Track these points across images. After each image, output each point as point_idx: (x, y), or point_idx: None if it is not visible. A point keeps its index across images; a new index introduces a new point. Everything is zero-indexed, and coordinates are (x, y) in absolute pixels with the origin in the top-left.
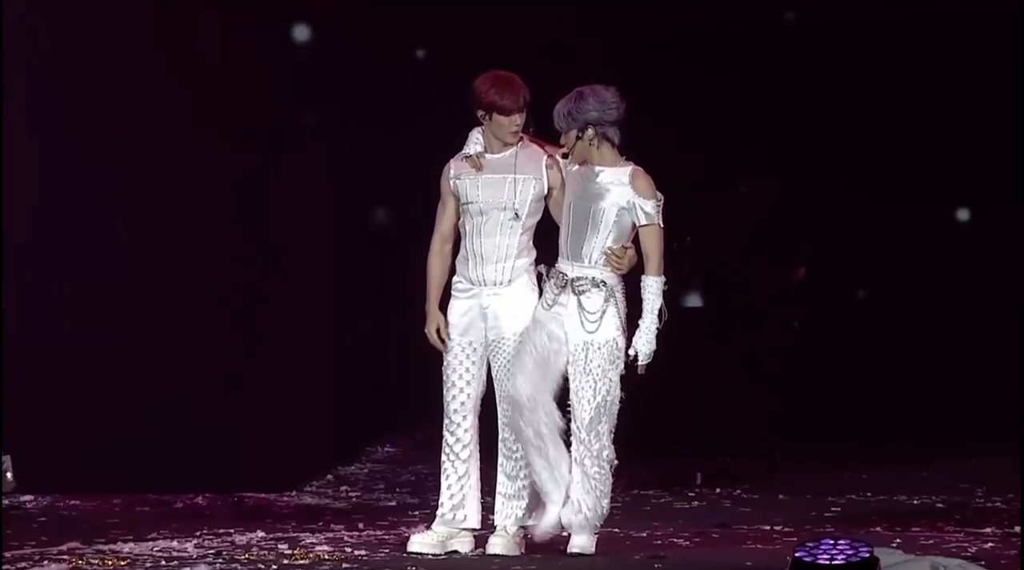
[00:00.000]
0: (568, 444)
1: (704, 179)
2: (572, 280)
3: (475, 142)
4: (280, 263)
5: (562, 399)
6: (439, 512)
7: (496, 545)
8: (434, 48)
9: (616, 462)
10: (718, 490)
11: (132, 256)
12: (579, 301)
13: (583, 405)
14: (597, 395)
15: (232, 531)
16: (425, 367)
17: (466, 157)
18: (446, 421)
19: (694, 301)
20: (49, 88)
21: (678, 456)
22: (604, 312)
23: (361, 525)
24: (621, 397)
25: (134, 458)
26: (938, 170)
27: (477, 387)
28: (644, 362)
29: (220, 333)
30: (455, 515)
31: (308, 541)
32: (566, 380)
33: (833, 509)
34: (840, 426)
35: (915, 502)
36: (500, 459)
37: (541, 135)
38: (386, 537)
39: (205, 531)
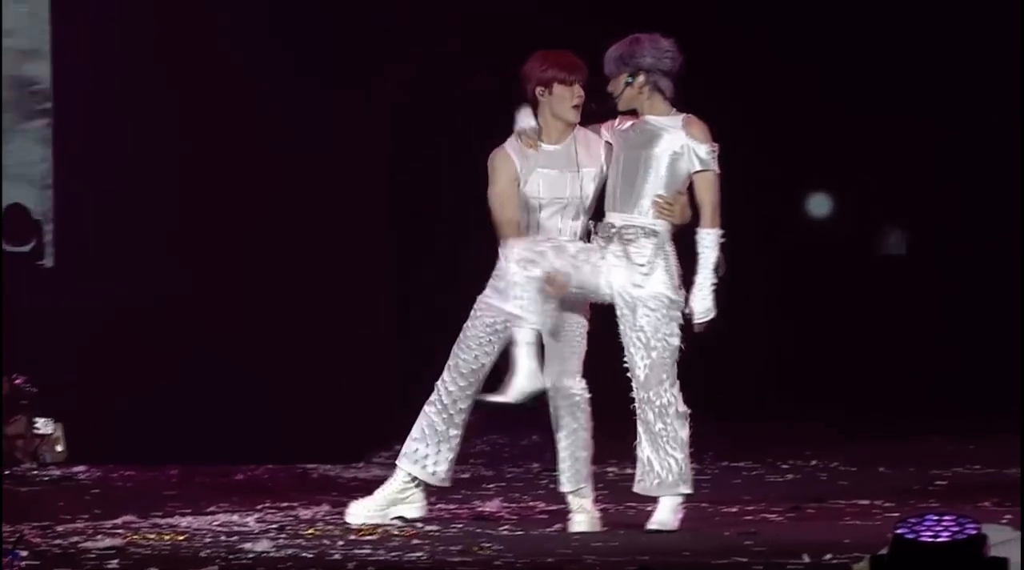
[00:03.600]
0: None
1: None
2: (620, 229)
3: (526, 117)
4: (341, 228)
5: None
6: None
7: (580, 522)
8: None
9: (688, 412)
10: (814, 462)
11: (198, 220)
12: (626, 251)
13: (636, 363)
14: (651, 352)
15: (296, 505)
16: None
17: (521, 134)
18: (454, 375)
19: None
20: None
21: (774, 425)
22: (654, 264)
23: (432, 498)
24: (680, 347)
25: (192, 428)
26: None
27: (494, 359)
28: (700, 320)
29: (283, 301)
30: (426, 467)
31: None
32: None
33: (938, 483)
34: (946, 395)
35: None
36: None
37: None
38: (459, 511)
39: (267, 504)
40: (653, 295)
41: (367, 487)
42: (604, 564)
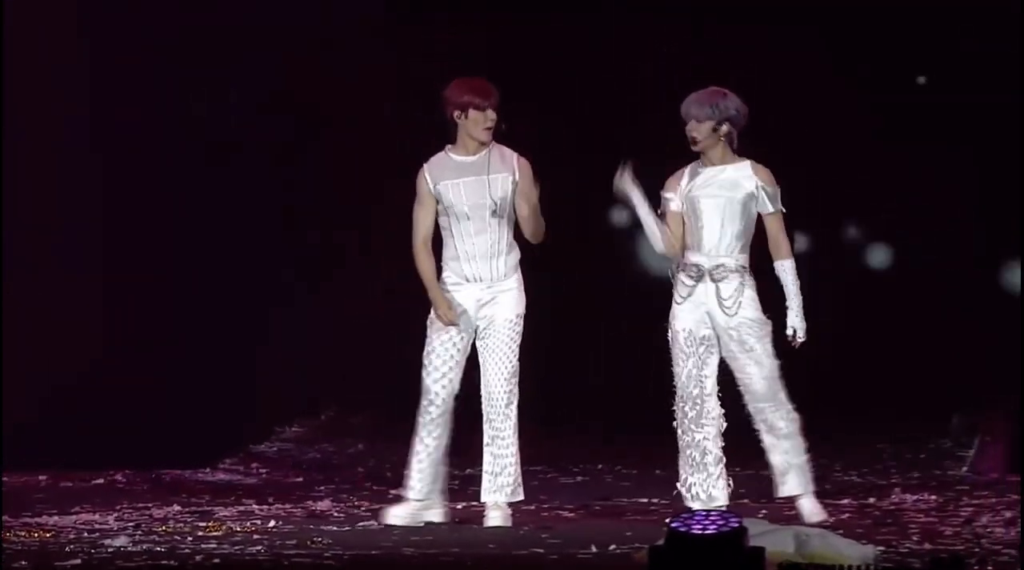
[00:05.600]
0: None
1: None
2: (709, 269)
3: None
4: (198, 246)
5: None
6: (412, 485)
7: (495, 518)
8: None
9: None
10: (600, 466)
11: (40, 227)
12: (717, 288)
13: (755, 380)
14: (763, 368)
15: (150, 505)
16: (330, 354)
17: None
18: (425, 403)
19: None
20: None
21: (566, 434)
22: (742, 293)
23: (271, 499)
24: (780, 362)
25: (58, 438)
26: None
27: (459, 374)
28: (802, 338)
29: (138, 317)
30: (429, 488)
31: (221, 514)
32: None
33: None
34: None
35: None
36: (486, 439)
37: (512, 142)
38: (294, 510)
39: (125, 505)
40: (751, 320)
41: (214, 489)
42: (421, 555)
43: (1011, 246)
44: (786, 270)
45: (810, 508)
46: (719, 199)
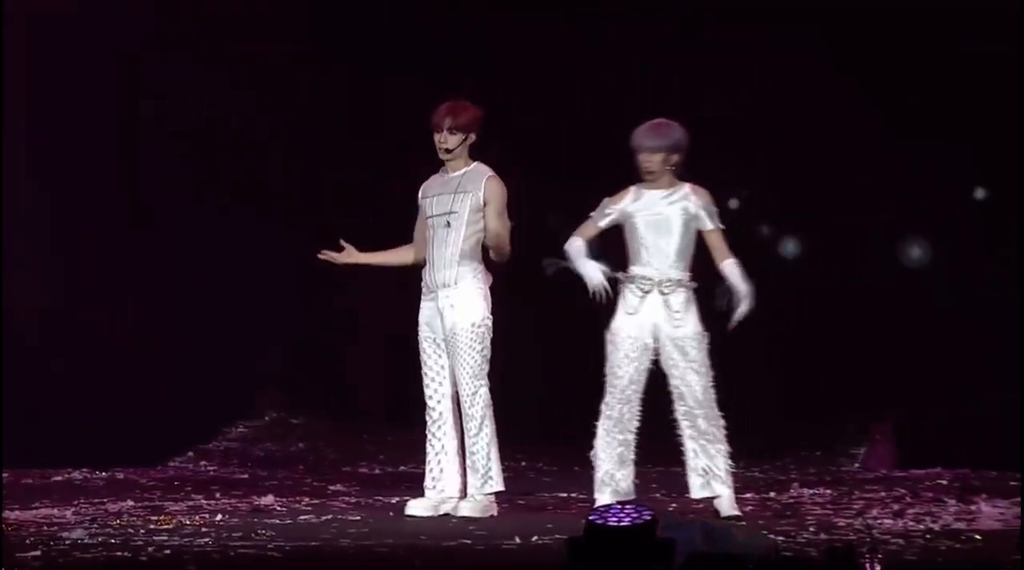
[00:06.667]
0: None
1: None
2: (658, 283)
3: None
4: (147, 251)
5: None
6: (425, 483)
7: (464, 508)
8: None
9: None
10: (523, 463)
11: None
12: (665, 301)
13: (695, 389)
14: (702, 378)
15: (105, 501)
16: (276, 354)
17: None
18: (427, 406)
19: None
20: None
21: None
22: (688, 309)
23: (218, 494)
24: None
25: (19, 437)
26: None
27: (448, 375)
28: (743, 314)
29: (89, 322)
30: (435, 485)
31: (172, 509)
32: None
33: None
34: None
35: None
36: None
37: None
38: (239, 505)
39: (82, 501)
40: (694, 333)
41: (165, 486)
42: (358, 546)
43: (1011, 246)
44: (733, 265)
45: (727, 505)
46: (663, 219)
